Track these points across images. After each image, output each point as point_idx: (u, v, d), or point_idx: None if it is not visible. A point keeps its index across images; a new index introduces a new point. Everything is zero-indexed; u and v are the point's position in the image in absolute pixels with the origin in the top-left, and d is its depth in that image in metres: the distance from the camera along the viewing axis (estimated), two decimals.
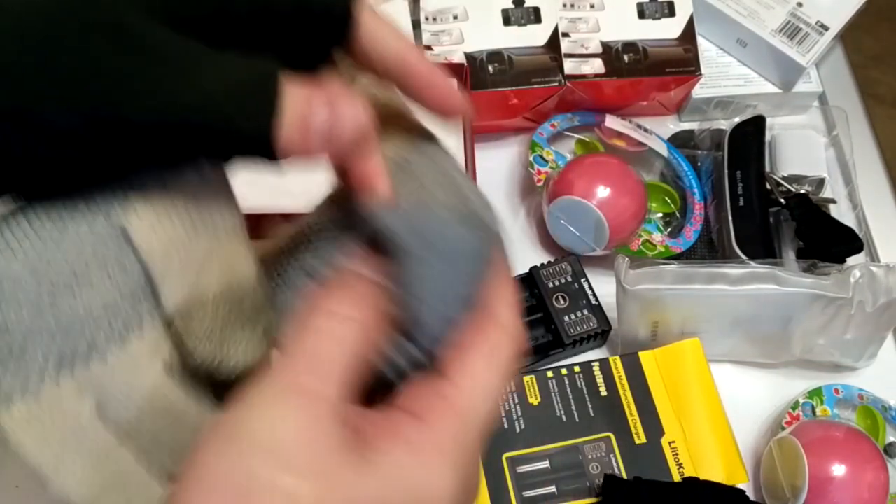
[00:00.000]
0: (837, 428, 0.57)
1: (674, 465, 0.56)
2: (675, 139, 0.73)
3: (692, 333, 0.61)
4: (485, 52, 0.68)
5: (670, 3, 0.71)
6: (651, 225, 0.68)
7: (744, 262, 0.59)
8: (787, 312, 0.58)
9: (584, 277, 0.64)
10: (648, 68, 0.70)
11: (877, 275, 0.57)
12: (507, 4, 0.70)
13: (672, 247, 0.67)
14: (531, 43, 0.69)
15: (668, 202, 0.70)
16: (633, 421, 0.58)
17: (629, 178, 0.65)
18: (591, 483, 0.56)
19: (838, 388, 0.62)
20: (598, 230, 0.63)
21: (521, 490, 0.55)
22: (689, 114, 0.75)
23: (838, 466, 0.54)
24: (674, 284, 0.58)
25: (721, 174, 0.68)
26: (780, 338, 0.61)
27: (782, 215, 0.68)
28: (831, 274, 0.58)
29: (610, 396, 0.59)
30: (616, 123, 0.71)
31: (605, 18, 0.71)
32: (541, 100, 0.70)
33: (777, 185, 0.68)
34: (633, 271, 0.58)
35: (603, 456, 0.57)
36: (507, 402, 0.59)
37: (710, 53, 0.76)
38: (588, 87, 0.70)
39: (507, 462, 0.56)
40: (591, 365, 0.60)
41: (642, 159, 0.72)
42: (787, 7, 0.73)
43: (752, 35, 0.72)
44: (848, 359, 0.63)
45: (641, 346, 0.62)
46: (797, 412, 0.61)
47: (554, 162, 0.70)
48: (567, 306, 0.62)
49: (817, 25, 0.72)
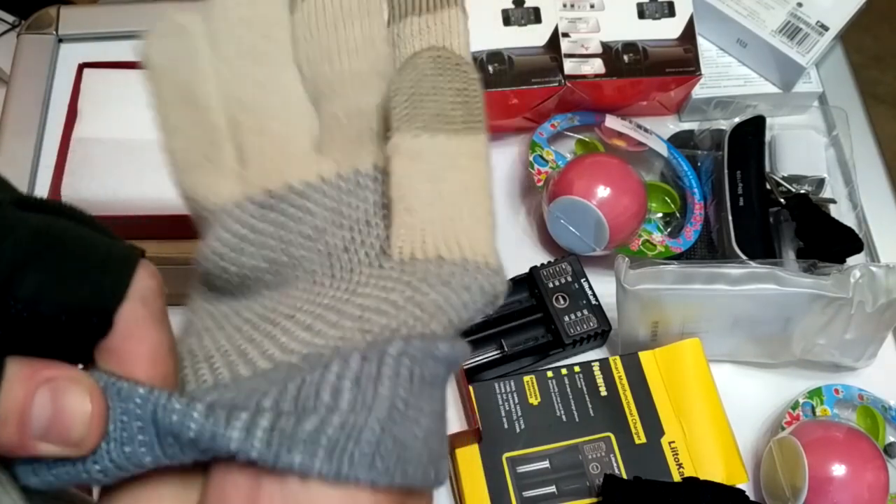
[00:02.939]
0: (837, 428, 0.57)
1: (674, 465, 0.56)
2: (675, 139, 0.73)
3: (692, 333, 0.61)
4: (485, 52, 0.68)
5: (670, 3, 0.71)
6: (651, 225, 0.68)
7: (744, 262, 0.59)
8: (787, 312, 0.58)
9: (584, 277, 0.64)
10: (648, 68, 0.70)
11: (877, 275, 0.57)
12: (507, 4, 0.70)
13: (672, 247, 0.67)
14: (531, 43, 0.69)
15: (668, 202, 0.70)
16: (633, 421, 0.58)
17: (629, 178, 0.65)
18: (591, 483, 0.56)
19: (838, 388, 0.62)
20: (598, 230, 0.63)
21: (521, 490, 0.55)
22: (689, 114, 0.75)
23: (838, 466, 0.54)
24: (674, 284, 0.58)
25: (721, 174, 0.68)
26: (780, 338, 0.61)
27: (782, 215, 0.68)
28: (831, 274, 0.58)
29: (610, 396, 0.59)
30: (616, 123, 0.71)
31: (605, 18, 0.71)
32: (541, 100, 0.70)
33: (777, 185, 0.68)
34: (633, 271, 0.58)
35: (603, 456, 0.57)
36: (507, 402, 0.59)
37: (710, 53, 0.76)
38: (588, 87, 0.70)
39: (507, 462, 0.56)
40: (591, 365, 0.60)
41: (642, 159, 0.72)
42: (787, 7, 0.73)
43: (752, 35, 0.72)
44: (848, 359, 0.63)
45: (641, 346, 0.62)
46: (797, 412, 0.61)
47: (554, 162, 0.70)
48: (567, 306, 0.62)
49: (817, 25, 0.72)
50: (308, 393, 0.22)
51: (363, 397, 0.23)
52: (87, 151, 0.56)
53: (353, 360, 0.23)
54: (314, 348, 0.24)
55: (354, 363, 0.23)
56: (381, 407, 0.23)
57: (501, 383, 0.59)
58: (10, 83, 0.76)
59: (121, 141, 0.56)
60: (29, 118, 0.73)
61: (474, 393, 0.58)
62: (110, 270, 0.23)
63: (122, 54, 0.69)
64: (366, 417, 0.22)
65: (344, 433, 0.22)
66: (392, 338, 0.24)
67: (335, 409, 0.22)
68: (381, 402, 0.23)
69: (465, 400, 0.57)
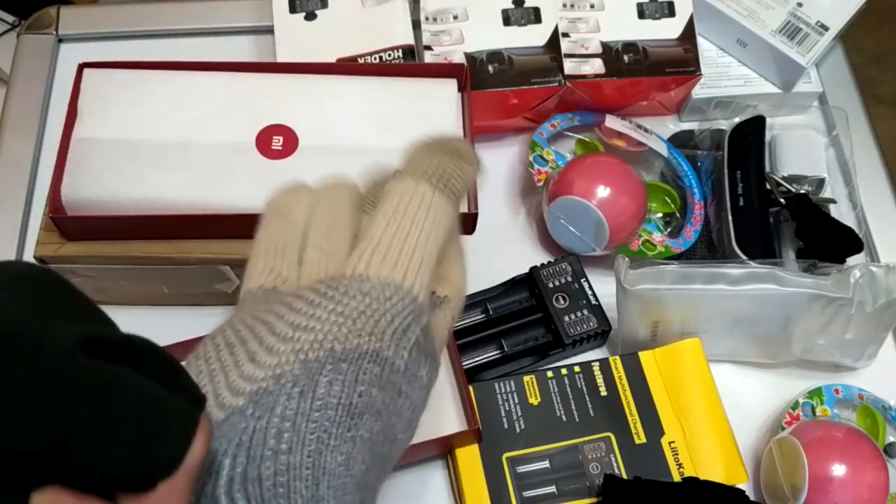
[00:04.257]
0: (837, 428, 0.57)
1: (674, 465, 0.56)
2: (675, 139, 0.73)
3: (692, 333, 0.61)
4: (485, 52, 0.68)
5: (670, 3, 0.71)
6: (651, 225, 0.68)
7: (744, 262, 0.59)
8: (787, 312, 0.58)
9: (584, 277, 0.64)
10: (648, 68, 0.70)
11: (877, 275, 0.57)
12: (507, 4, 0.70)
13: (672, 247, 0.67)
14: (531, 43, 0.69)
15: (668, 202, 0.70)
16: (633, 421, 0.58)
17: (629, 178, 0.65)
18: (591, 483, 0.56)
19: (838, 388, 0.62)
20: (598, 230, 0.63)
21: (521, 490, 0.55)
22: (689, 114, 0.75)
23: (838, 466, 0.54)
24: (674, 284, 0.58)
25: (721, 174, 0.68)
26: (780, 338, 0.61)
27: (782, 215, 0.68)
28: (831, 274, 0.58)
29: (610, 396, 0.59)
30: (616, 123, 0.71)
31: (605, 18, 0.71)
32: (541, 100, 0.70)
33: (777, 185, 0.68)
34: (633, 271, 0.58)
35: (603, 456, 0.57)
36: (507, 402, 0.59)
37: (710, 53, 0.76)
38: (588, 87, 0.70)
39: (507, 462, 0.56)
40: (591, 365, 0.60)
41: (642, 159, 0.72)
42: (787, 7, 0.73)
43: (752, 35, 0.72)
44: (848, 359, 0.63)
45: (641, 346, 0.62)
46: (797, 412, 0.61)
47: (554, 162, 0.70)
48: (567, 306, 0.62)
49: (817, 25, 0.72)
50: (257, 441, 0.27)
51: (298, 436, 0.28)
52: (87, 151, 0.56)
53: (290, 399, 0.28)
54: (257, 383, 0.29)
55: (292, 403, 0.28)
56: (311, 441, 0.28)
57: (501, 383, 0.59)
58: (10, 83, 0.76)
59: (121, 141, 0.56)
60: (29, 118, 0.73)
61: (474, 393, 0.58)
62: (168, 438, 0.24)
63: (122, 54, 0.69)
64: (301, 457, 0.27)
65: (289, 473, 0.27)
66: (322, 365, 0.29)
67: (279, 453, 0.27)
68: (311, 436, 0.28)
69: (465, 400, 0.57)
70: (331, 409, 0.28)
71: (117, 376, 0.22)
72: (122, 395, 0.22)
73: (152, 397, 0.23)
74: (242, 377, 0.29)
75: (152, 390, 0.23)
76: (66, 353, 0.21)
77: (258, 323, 0.31)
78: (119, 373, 0.22)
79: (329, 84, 0.60)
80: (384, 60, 0.68)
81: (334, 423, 0.28)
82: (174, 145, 0.56)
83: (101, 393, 0.22)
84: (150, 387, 0.23)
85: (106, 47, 0.78)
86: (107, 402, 0.22)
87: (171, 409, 0.24)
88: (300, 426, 0.27)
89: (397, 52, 0.69)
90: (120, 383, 0.22)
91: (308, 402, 0.28)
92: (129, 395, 0.22)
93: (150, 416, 0.23)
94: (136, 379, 0.23)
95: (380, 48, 0.69)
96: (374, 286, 0.31)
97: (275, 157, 0.57)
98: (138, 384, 0.23)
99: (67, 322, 0.22)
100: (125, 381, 0.22)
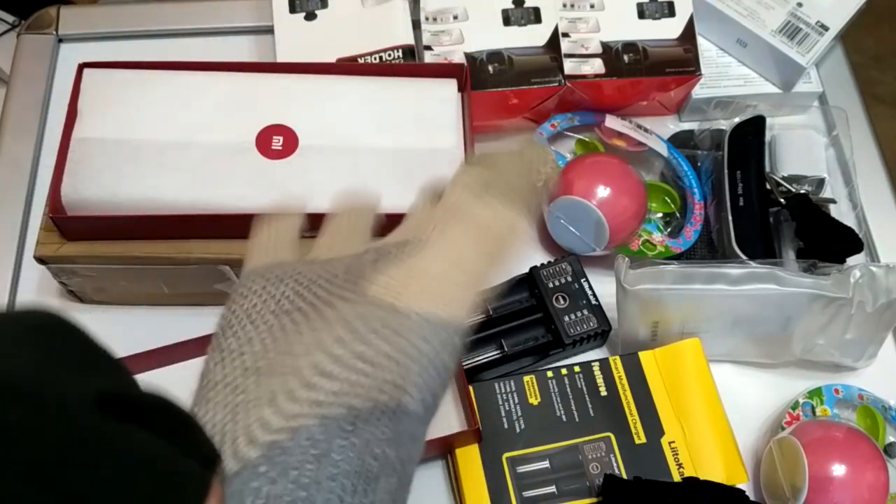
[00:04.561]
0: (837, 428, 0.57)
1: (674, 465, 0.56)
2: (675, 139, 0.73)
3: (692, 333, 0.61)
4: (485, 52, 0.68)
5: (670, 3, 0.71)
6: (651, 225, 0.68)
7: (744, 262, 0.59)
8: (787, 312, 0.58)
9: (584, 277, 0.64)
10: (648, 68, 0.70)
11: (877, 275, 0.57)
12: (507, 4, 0.70)
13: (672, 247, 0.67)
14: (531, 43, 0.69)
15: (668, 202, 0.70)
16: (633, 421, 0.58)
17: (629, 178, 0.65)
18: (591, 483, 0.56)
19: (838, 388, 0.62)
20: (598, 230, 0.63)
21: (521, 490, 0.55)
22: (689, 114, 0.75)
23: (838, 466, 0.54)
24: (674, 284, 0.58)
25: (721, 174, 0.68)
26: (780, 338, 0.61)
27: (782, 215, 0.68)
28: (831, 274, 0.58)
29: (610, 396, 0.59)
30: (616, 123, 0.71)
31: (605, 18, 0.71)
32: (541, 100, 0.70)
33: (777, 185, 0.68)
34: (633, 271, 0.58)
35: (603, 456, 0.57)
36: (507, 402, 0.59)
37: (710, 53, 0.76)
38: (588, 87, 0.70)
39: (507, 462, 0.56)
40: (591, 365, 0.60)
41: (642, 159, 0.72)
42: (787, 7, 0.73)
43: (752, 35, 0.72)
44: (848, 359, 0.63)
45: (641, 346, 0.62)
46: (797, 412, 0.61)
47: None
48: (567, 306, 0.62)
49: (817, 25, 0.72)
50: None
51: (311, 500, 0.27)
52: (87, 151, 0.56)
53: (305, 464, 0.27)
54: (273, 435, 0.28)
55: (307, 469, 0.27)
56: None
57: (501, 383, 0.59)
58: (10, 83, 0.76)
59: (121, 141, 0.56)
60: (29, 118, 0.73)
61: (474, 393, 0.58)
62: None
63: (122, 54, 0.69)
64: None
65: None
66: (340, 427, 0.28)
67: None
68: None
69: (465, 400, 0.57)
70: (345, 477, 0.27)
71: (131, 439, 0.22)
72: (134, 458, 0.22)
73: (164, 461, 0.23)
74: (260, 424, 0.28)
75: (165, 454, 0.23)
76: (79, 412, 0.21)
77: (282, 352, 0.30)
78: (132, 436, 0.22)
79: (329, 84, 0.60)
80: (384, 60, 0.68)
81: (347, 492, 0.27)
82: (174, 145, 0.56)
83: (113, 456, 0.21)
84: (163, 450, 0.23)
85: (106, 47, 0.78)
86: (118, 466, 0.21)
87: (182, 474, 0.23)
88: (315, 497, 0.27)
89: (397, 52, 0.69)
90: (133, 446, 0.22)
91: (324, 470, 0.27)
92: (141, 459, 0.22)
93: (162, 480, 0.23)
94: (149, 441, 0.22)
95: (380, 48, 0.69)
96: (419, 324, 0.30)
97: (275, 157, 0.57)
98: (151, 446, 0.22)
99: (83, 377, 0.22)
100: (138, 444, 0.22)
